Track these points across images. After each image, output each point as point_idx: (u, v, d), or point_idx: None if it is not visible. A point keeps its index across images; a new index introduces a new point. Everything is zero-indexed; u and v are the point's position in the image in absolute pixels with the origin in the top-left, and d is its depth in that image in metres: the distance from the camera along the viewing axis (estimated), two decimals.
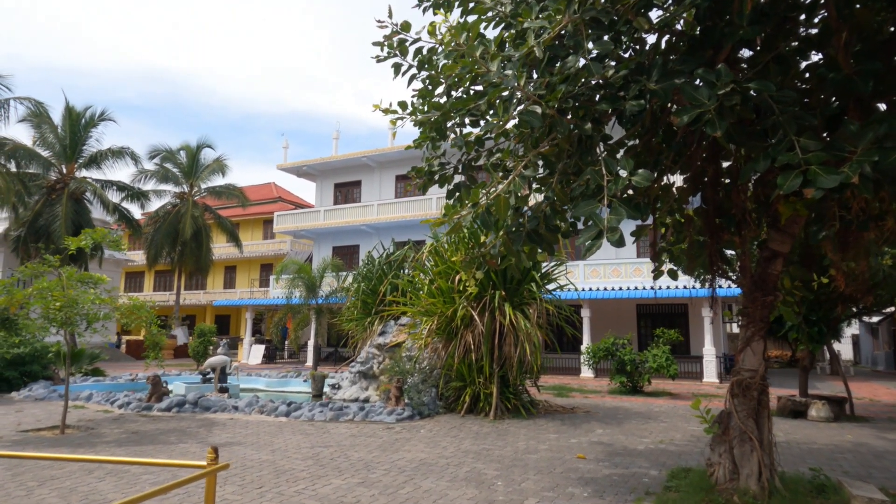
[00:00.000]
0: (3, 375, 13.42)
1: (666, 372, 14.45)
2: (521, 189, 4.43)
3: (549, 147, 4.77)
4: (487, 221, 4.47)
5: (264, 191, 47.64)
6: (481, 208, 4.44)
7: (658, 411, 11.95)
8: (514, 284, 11.00)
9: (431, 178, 6.09)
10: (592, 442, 8.49)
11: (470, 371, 10.85)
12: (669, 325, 23.58)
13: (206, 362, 13.88)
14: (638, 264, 22.74)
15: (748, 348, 5.58)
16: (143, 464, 3.07)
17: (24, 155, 27.62)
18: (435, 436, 8.75)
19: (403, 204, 28.09)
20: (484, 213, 4.45)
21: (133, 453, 7.19)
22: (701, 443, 8.59)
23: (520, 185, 4.48)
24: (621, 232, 3.99)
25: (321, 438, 8.40)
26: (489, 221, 4.47)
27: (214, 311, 43.53)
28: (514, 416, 10.59)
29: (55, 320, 7.96)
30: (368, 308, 15.24)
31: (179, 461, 3.10)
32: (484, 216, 4.46)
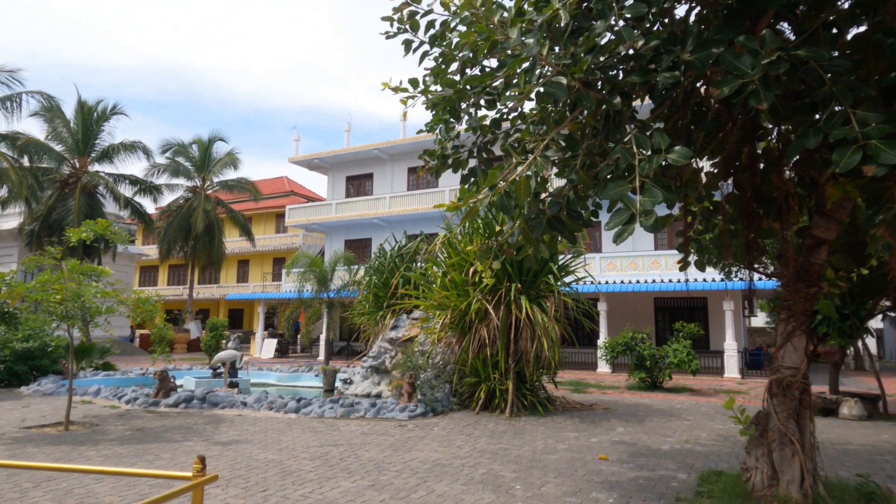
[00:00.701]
0: (12, 370, 13.31)
1: (687, 367, 13.99)
2: (544, 170, 4.04)
3: (572, 125, 4.37)
4: (506, 206, 4.08)
5: (277, 185, 47.55)
6: (499, 192, 4.05)
7: (680, 408, 11.51)
8: (531, 277, 10.59)
9: (445, 163, 5.70)
10: (614, 441, 8.09)
11: (485, 366, 10.49)
12: (688, 318, 22.98)
13: (215, 357, 13.66)
14: (656, 257, 22.23)
15: (789, 344, 5.15)
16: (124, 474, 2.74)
17: (37, 149, 27.66)
18: (449, 434, 8.40)
19: (416, 196, 27.73)
20: (502, 197, 4.07)
21: (135, 452, 6.93)
22: (729, 442, 8.16)
23: (542, 165, 4.09)
24: (656, 215, 3.59)
25: (331, 436, 8.09)
26: (508, 206, 4.08)
27: (228, 305, 43.61)
28: (531, 414, 10.21)
29: (55, 314, 7.72)
30: (380, 302, 14.92)
31: (165, 472, 2.77)
32: (502, 200, 4.08)
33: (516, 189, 4.07)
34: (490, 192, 4.06)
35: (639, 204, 3.61)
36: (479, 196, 4.12)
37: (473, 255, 10.53)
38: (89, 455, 6.74)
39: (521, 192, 4.07)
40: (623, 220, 3.71)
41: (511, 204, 4.06)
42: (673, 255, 21.85)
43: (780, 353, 5.22)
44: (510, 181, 4.04)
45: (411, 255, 14.53)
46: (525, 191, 4.10)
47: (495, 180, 4.11)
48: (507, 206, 4.06)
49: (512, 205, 4.07)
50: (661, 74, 4.07)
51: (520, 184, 4.07)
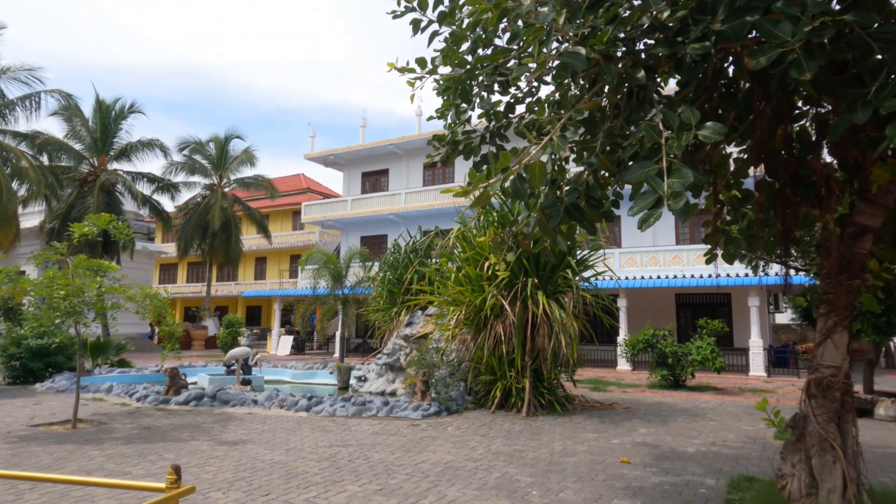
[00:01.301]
0: (27, 366, 13.30)
1: (711, 365, 13.50)
2: (561, 151, 3.70)
3: (592, 102, 4.02)
4: (520, 190, 3.75)
5: (293, 182, 47.64)
6: (512, 174, 3.72)
7: (705, 408, 11.07)
8: (548, 271, 10.23)
9: (455, 149, 5.39)
10: (636, 443, 7.71)
11: (500, 364, 10.16)
12: (711, 315, 22.40)
13: (227, 354, 13.51)
14: (677, 252, 21.67)
15: (829, 341, 4.74)
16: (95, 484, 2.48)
17: (56, 148, 27.90)
18: (463, 434, 8.10)
19: (431, 192, 27.44)
20: (515, 181, 3.74)
21: (139, 451, 6.73)
22: (758, 445, 7.74)
23: (559, 147, 3.74)
24: (686, 198, 3.23)
25: (341, 436, 7.83)
26: (522, 190, 3.75)
27: (245, 303, 43.82)
28: (549, 413, 9.86)
29: (58, 310, 7.57)
30: (395, 298, 14.67)
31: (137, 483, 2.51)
32: (515, 184, 3.74)
33: (531, 172, 3.74)
34: (502, 175, 3.73)
35: (666, 186, 3.27)
36: (490, 180, 3.80)
37: (487, 248, 10.20)
38: (92, 455, 6.56)
39: (536, 175, 3.74)
40: (648, 204, 3.36)
41: (525, 188, 3.72)
42: (695, 250, 21.28)
43: (819, 350, 4.81)
44: (524, 164, 3.71)
45: (425, 249, 14.24)
46: (541, 174, 3.76)
47: (508, 163, 3.79)
48: (520, 190, 3.73)
49: (526, 189, 3.74)
50: (690, 46, 3.70)
51: (535, 167, 3.74)
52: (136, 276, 33.04)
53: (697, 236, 23.44)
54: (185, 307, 46.64)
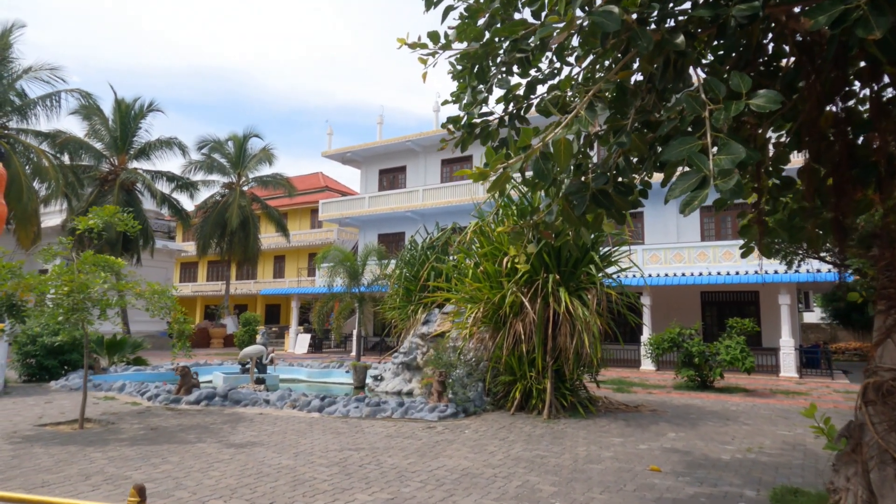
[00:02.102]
0: (42, 364, 13.23)
1: (741, 366, 12.91)
2: (590, 126, 3.28)
3: (624, 72, 3.59)
4: (543, 171, 3.33)
5: (312, 180, 47.63)
6: (534, 153, 3.32)
7: (735, 411, 10.52)
8: (570, 267, 9.78)
9: (471, 132, 4.99)
10: (665, 449, 7.24)
11: (520, 364, 9.74)
12: (738, 313, 21.70)
13: (241, 353, 13.29)
14: (703, 248, 20.99)
15: (889, 341, 4.24)
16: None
17: (76, 147, 28.10)
18: (481, 438, 7.70)
19: (449, 189, 27.06)
20: (538, 161, 3.33)
21: (143, 454, 6.46)
22: (798, 452, 7.22)
23: (587, 121, 3.33)
24: (738, 177, 2.80)
25: (353, 439, 7.49)
26: (545, 171, 3.33)
27: (264, 301, 43.90)
28: (571, 416, 9.42)
29: (62, 306, 7.35)
30: (411, 295, 14.34)
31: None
32: (538, 164, 3.33)
33: (556, 151, 3.32)
34: (523, 154, 3.33)
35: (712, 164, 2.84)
36: (509, 160, 3.40)
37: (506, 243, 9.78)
38: (94, 457, 6.30)
39: (561, 154, 3.32)
40: (692, 184, 2.93)
41: (549, 169, 3.31)
42: (722, 247, 20.59)
43: (877, 351, 4.31)
44: (548, 141, 3.30)
45: (442, 245, 13.87)
46: (566, 153, 3.34)
47: (529, 141, 3.38)
48: (544, 171, 3.31)
49: (551, 170, 3.32)
50: (736, 7, 3.27)
51: (560, 144, 3.32)
52: (157, 274, 33.25)
53: (724, 232, 22.72)
54: (206, 305, 46.92)
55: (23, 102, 25.86)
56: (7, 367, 13.73)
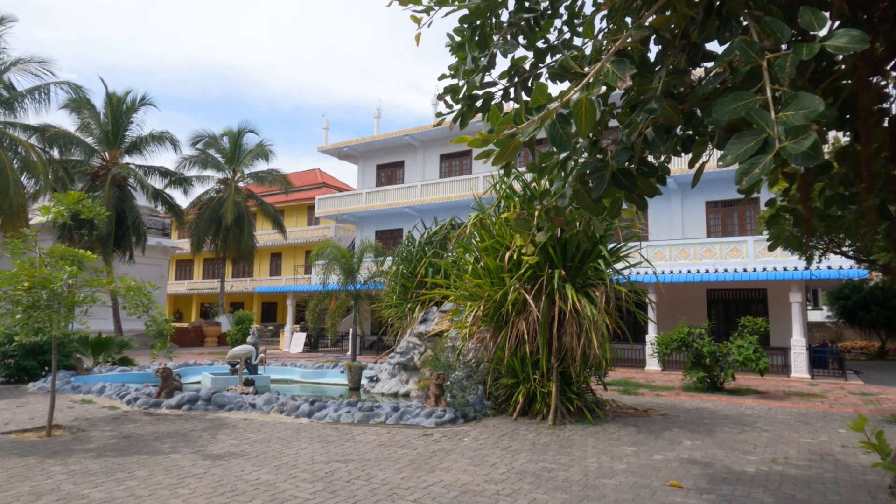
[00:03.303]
0: (21, 364, 12.61)
1: (755, 367, 12.31)
2: (620, 82, 2.66)
3: (660, 17, 2.98)
4: (561, 136, 2.71)
5: (309, 177, 46.98)
6: (551, 115, 2.70)
7: (751, 415, 9.91)
8: (577, 262, 9.17)
9: (472, 105, 4.36)
10: (683, 459, 6.63)
11: (523, 366, 9.13)
12: (746, 311, 21.10)
13: (229, 353, 12.67)
14: (709, 245, 20.38)
15: None
16: None
17: (67, 141, 27.42)
18: (482, 447, 7.09)
19: (448, 184, 26.44)
20: (554, 124, 2.71)
21: (108, 467, 5.84)
22: (828, 464, 6.61)
23: (615, 76, 2.71)
24: (815, 137, 2.18)
25: (342, 448, 6.87)
26: (563, 137, 2.71)
27: (261, 299, 43.28)
28: (578, 421, 8.81)
29: (20, 304, 6.73)
30: (408, 293, 13.73)
31: None
32: (554, 128, 2.71)
33: (576, 113, 2.71)
34: (538, 113, 2.71)
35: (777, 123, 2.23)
36: (519, 125, 2.78)
37: (508, 236, 9.16)
38: (53, 471, 5.68)
39: (583, 116, 2.70)
40: (751, 149, 2.35)
41: (569, 134, 2.69)
42: (729, 243, 19.99)
43: None
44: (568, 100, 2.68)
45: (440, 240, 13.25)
46: (588, 116, 2.72)
47: (544, 100, 2.76)
48: (562, 136, 2.69)
49: (571, 135, 2.70)
50: None
51: (581, 105, 2.71)
52: (151, 271, 32.61)
53: (731, 228, 22.13)
54: (201, 303, 46.29)
55: (10, 95, 25.19)
56: None
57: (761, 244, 19.26)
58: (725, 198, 21.91)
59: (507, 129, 2.73)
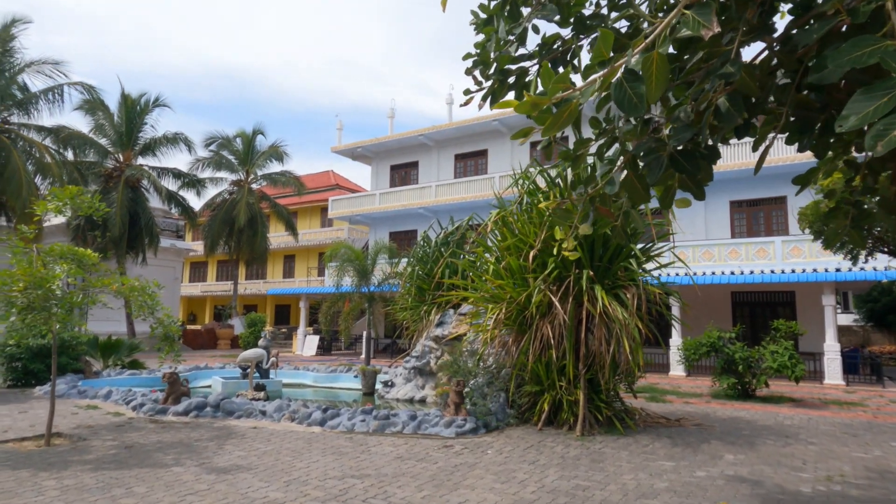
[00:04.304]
0: (28, 368, 12.30)
1: (790, 374, 11.64)
2: (705, 29, 2.14)
3: None
4: (631, 98, 2.19)
5: (322, 178, 46.72)
6: (614, 73, 2.19)
7: (791, 425, 9.28)
8: (605, 262, 8.62)
9: (504, 80, 3.86)
10: (728, 477, 6.06)
11: (548, 372, 8.59)
12: (772, 315, 20.36)
13: (239, 357, 12.26)
14: (734, 245, 19.66)
15: None
16: None
17: (81, 142, 27.33)
18: (507, 460, 6.57)
19: (463, 184, 25.94)
20: (620, 84, 2.19)
21: (105, 482, 5.40)
22: (888, 482, 6.00)
23: (698, 23, 2.19)
24: None
25: (357, 462, 6.38)
26: (634, 98, 2.19)
27: (274, 301, 43.05)
28: (607, 431, 8.25)
29: (14, 305, 6.34)
30: (424, 295, 13.24)
31: None
32: (621, 89, 2.20)
33: (645, 71, 2.20)
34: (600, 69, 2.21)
35: None
36: (577, 85, 2.27)
37: (531, 235, 8.64)
38: (45, 486, 5.26)
39: (653, 75, 2.19)
40: (885, 105, 1.83)
41: (640, 94, 2.17)
42: (756, 244, 19.26)
43: None
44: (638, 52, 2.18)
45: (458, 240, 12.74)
46: (660, 74, 2.21)
47: (607, 53, 2.26)
48: (632, 98, 2.18)
49: (641, 95, 2.18)
50: None
51: (651, 60, 2.19)
52: (164, 273, 32.44)
53: (756, 228, 21.37)
54: (215, 305, 46.19)
55: (25, 96, 25.15)
56: None
57: (790, 244, 18.53)
58: (751, 197, 21.18)
59: (563, 90, 2.22)
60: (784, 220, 20.76)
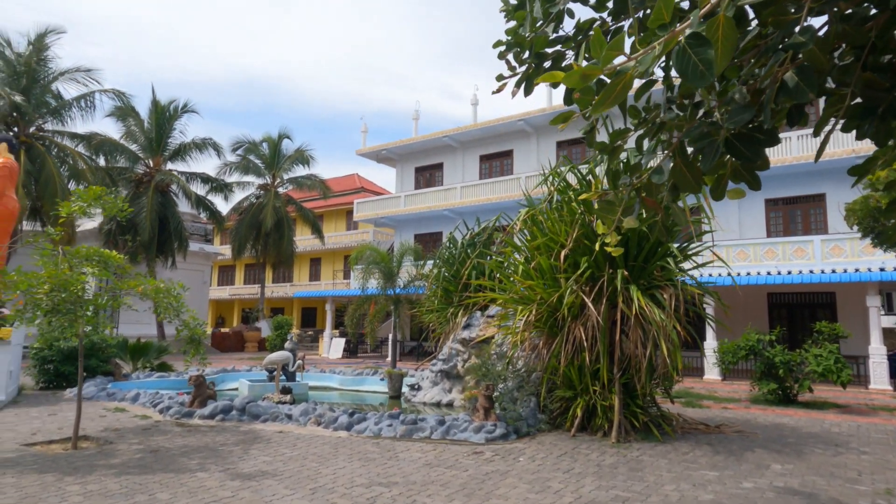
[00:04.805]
0: (59, 370, 12.41)
1: (835, 378, 11.10)
2: None
3: None
4: (696, 65, 1.92)
5: (347, 182, 46.92)
6: (676, 38, 1.93)
7: (839, 433, 8.79)
8: (640, 261, 8.27)
9: (539, 65, 3.61)
10: (779, 489, 5.68)
11: (581, 376, 8.27)
12: (811, 317, 19.62)
13: (265, 359, 12.19)
14: (770, 245, 18.98)
15: None
16: None
17: (112, 148, 27.84)
18: (540, 468, 6.28)
19: (489, 185, 25.66)
20: (684, 49, 1.93)
21: (129, 488, 5.28)
22: None
23: None
24: None
25: (384, 468, 6.17)
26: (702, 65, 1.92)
27: (301, 304, 43.33)
28: (644, 438, 7.90)
29: (39, 307, 6.30)
30: (451, 297, 13.01)
31: None
32: (684, 55, 1.93)
33: (710, 33, 1.93)
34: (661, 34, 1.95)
35: None
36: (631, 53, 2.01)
37: (563, 233, 8.34)
38: (69, 491, 5.16)
39: (719, 39, 1.92)
40: None
41: (708, 59, 1.90)
42: (793, 243, 18.56)
43: None
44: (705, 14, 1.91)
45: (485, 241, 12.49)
46: (727, 37, 1.94)
47: (668, 16, 2.00)
48: (696, 66, 1.91)
49: (710, 61, 1.91)
50: None
51: (717, 24, 1.93)
52: (193, 277, 32.85)
53: (793, 227, 20.62)
54: (242, 308, 46.69)
55: (58, 104, 25.72)
56: (24, 373, 13.02)
57: (830, 243, 17.82)
58: (787, 195, 20.46)
59: (618, 57, 1.97)
60: (823, 219, 20.00)
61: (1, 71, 24.17)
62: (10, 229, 10.19)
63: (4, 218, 10.18)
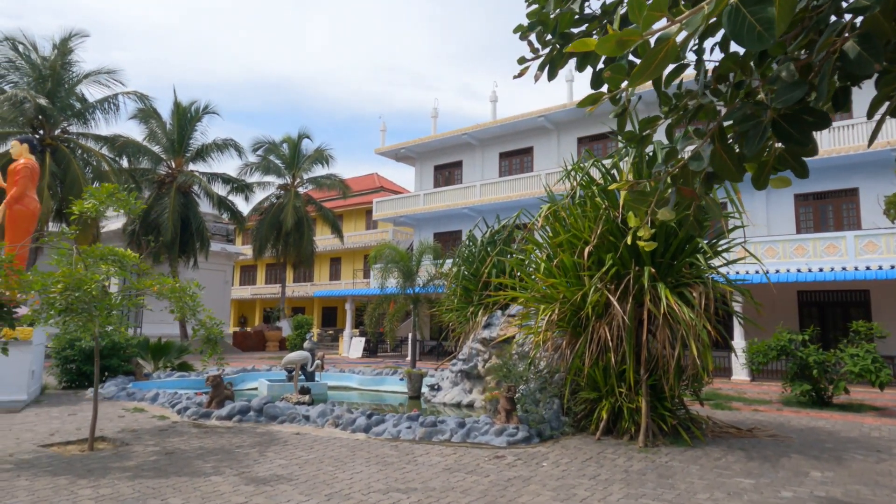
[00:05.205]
0: (81, 370, 12.47)
1: (873, 379, 10.61)
2: None
3: None
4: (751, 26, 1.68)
5: (367, 181, 46.96)
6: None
7: (881, 437, 8.36)
8: (668, 258, 7.95)
9: (564, 44, 3.36)
10: (820, 499, 5.34)
11: (606, 377, 7.98)
12: (844, 316, 18.99)
13: (283, 359, 12.09)
14: (800, 241, 18.38)
15: None
16: None
17: (135, 150, 28.14)
18: (565, 474, 6.02)
19: (508, 183, 25.36)
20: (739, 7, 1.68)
21: (141, 492, 5.16)
22: None
23: None
24: None
25: (403, 473, 5.97)
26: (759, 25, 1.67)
27: (321, 303, 43.47)
28: (672, 442, 7.58)
29: (53, 307, 6.23)
30: (470, 296, 12.78)
31: None
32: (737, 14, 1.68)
33: None
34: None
35: None
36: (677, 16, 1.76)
37: (586, 229, 8.05)
38: (81, 495, 5.05)
39: None
40: None
41: (768, 19, 1.65)
42: (824, 239, 17.94)
43: None
44: None
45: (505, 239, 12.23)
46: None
47: None
48: (753, 27, 1.66)
49: (770, 21, 1.66)
50: None
51: None
52: (214, 277, 33.13)
53: (824, 223, 19.97)
54: (264, 308, 47.02)
55: (83, 106, 26.07)
56: (47, 373, 13.12)
57: (863, 240, 17.18)
58: (818, 189, 19.81)
59: (661, 23, 1.72)
60: (856, 214, 19.32)
61: (27, 75, 24.55)
62: (31, 229, 10.23)
63: (25, 218, 10.24)
